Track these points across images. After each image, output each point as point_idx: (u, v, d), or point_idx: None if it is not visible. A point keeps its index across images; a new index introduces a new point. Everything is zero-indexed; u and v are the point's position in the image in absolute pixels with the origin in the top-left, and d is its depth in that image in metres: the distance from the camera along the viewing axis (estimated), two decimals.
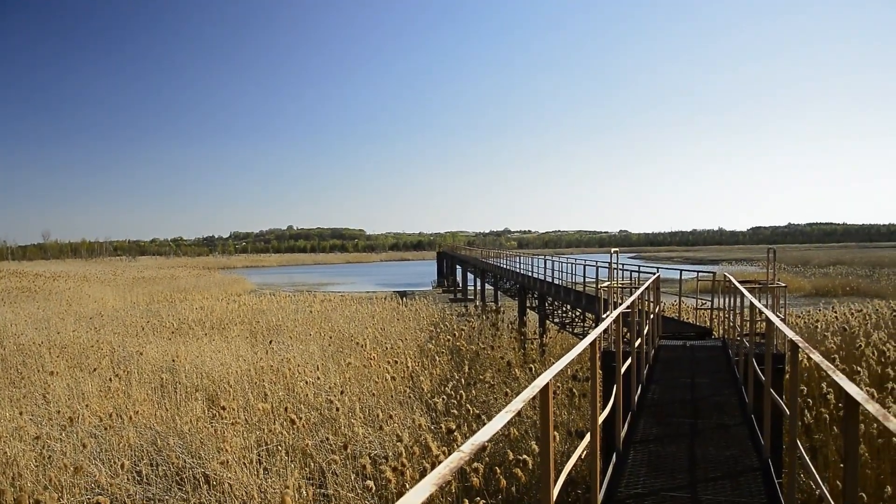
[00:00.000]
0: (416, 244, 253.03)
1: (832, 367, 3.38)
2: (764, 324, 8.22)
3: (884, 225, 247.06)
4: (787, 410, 5.00)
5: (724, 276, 13.93)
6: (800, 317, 21.65)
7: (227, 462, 8.92)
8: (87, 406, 12.28)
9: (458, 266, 62.53)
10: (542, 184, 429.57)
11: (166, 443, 10.15)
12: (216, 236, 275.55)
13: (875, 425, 8.94)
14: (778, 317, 7.30)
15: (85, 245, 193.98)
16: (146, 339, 20.97)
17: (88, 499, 8.40)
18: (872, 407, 2.59)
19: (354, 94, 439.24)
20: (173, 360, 16.23)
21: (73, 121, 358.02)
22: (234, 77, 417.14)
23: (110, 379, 14.49)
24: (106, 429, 10.87)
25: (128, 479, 8.97)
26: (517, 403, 2.72)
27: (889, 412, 2.45)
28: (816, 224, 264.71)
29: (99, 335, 21.74)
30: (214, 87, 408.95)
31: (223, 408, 11.62)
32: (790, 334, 4.56)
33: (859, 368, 12.04)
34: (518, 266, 30.81)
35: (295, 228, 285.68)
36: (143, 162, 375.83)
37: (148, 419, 11.41)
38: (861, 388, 10.48)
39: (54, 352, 18.33)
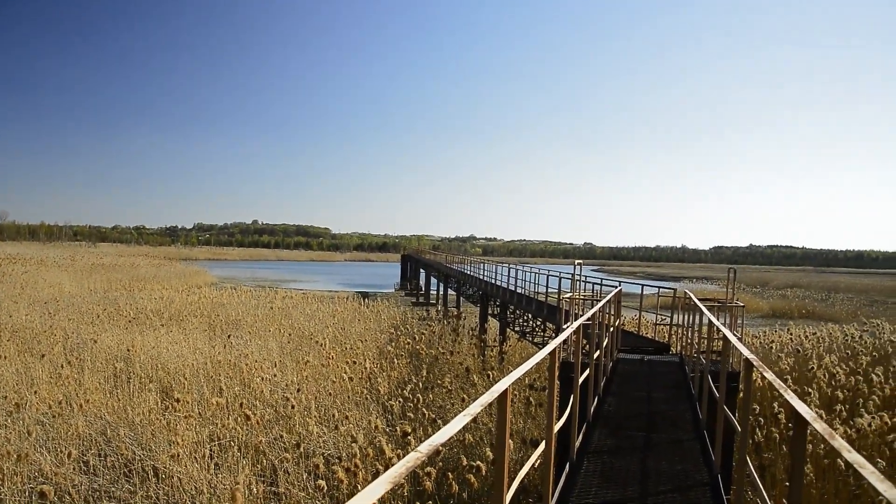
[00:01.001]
0: (382, 246, 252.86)
1: (784, 385, 3.45)
2: (721, 342, 8.34)
3: (841, 251, 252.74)
4: (738, 427, 5.08)
5: (685, 293, 14.09)
6: (756, 337, 22.02)
7: (178, 455, 8.81)
8: (35, 392, 12.03)
9: (421, 270, 62.52)
10: (510, 192, 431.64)
11: (116, 433, 9.99)
12: (179, 227, 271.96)
13: (822, 446, 9.12)
14: (735, 336, 7.42)
15: (44, 228, 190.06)
16: (102, 326, 20.61)
17: (31, 487, 8.22)
18: (819, 426, 2.64)
19: (327, 94, 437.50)
20: (128, 350, 15.97)
21: (37, 101, 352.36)
22: (205, 68, 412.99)
23: (62, 366, 14.20)
24: (54, 416, 10.66)
25: (74, 469, 8.80)
26: (475, 407, 2.73)
27: (836, 433, 2.50)
28: (777, 247, 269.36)
29: (53, 321, 21.31)
30: (184, 77, 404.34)
31: (177, 400, 11.45)
32: (746, 353, 4.64)
33: (810, 390, 12.28)
34: (482, 273, 30.89)
35: (260, 223, 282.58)
36: (108, 147, 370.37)
37: (99, 408, 11.21)
38: (811, 409, 10.71)
39: (4, 335, 17.92)
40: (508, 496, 3.56)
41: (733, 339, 5.75)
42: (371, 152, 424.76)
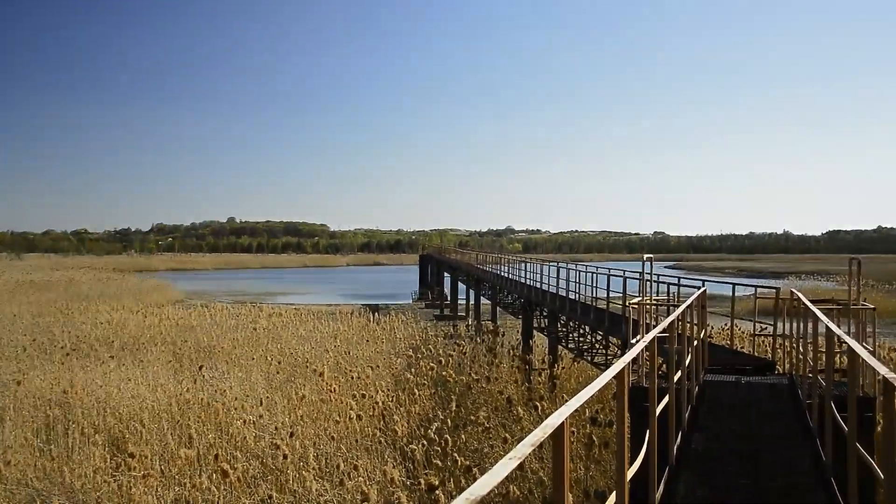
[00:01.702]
0: (394, 245, 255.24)
1: None
2: (846, 357, 8.15)
3: None
4: (880, 474, 4.88)
5: (792, 293, 13.90)
6: (893, 349, 21.67)
7: None
8: None
9: (446, 273, 63.04)
10: (557, 172, 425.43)
11: None
12: (133, 229, 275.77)
13: None
14: (865, 348, 7.23)
15: None
16: (29, 363, 20.76)
17: None
18: None
19: (316, 60, 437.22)
20: (65, 392, 16.06)
21: None
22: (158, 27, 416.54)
23: None
24: None
25: None
26: (524, 448, 2.64)
27: None
28: None
29: None
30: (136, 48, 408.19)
31: (132, 455, 11.46)
32: (883, 371, 4.46)
33: None
34: (523, 275, 30.87)
35: (237, 221, 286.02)
36: (35, 129, 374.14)
37: (24, 472, 11.22)
38: None
39: None
40: None
41: (863, 353, 5.58)
42: (376, 129, 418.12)
